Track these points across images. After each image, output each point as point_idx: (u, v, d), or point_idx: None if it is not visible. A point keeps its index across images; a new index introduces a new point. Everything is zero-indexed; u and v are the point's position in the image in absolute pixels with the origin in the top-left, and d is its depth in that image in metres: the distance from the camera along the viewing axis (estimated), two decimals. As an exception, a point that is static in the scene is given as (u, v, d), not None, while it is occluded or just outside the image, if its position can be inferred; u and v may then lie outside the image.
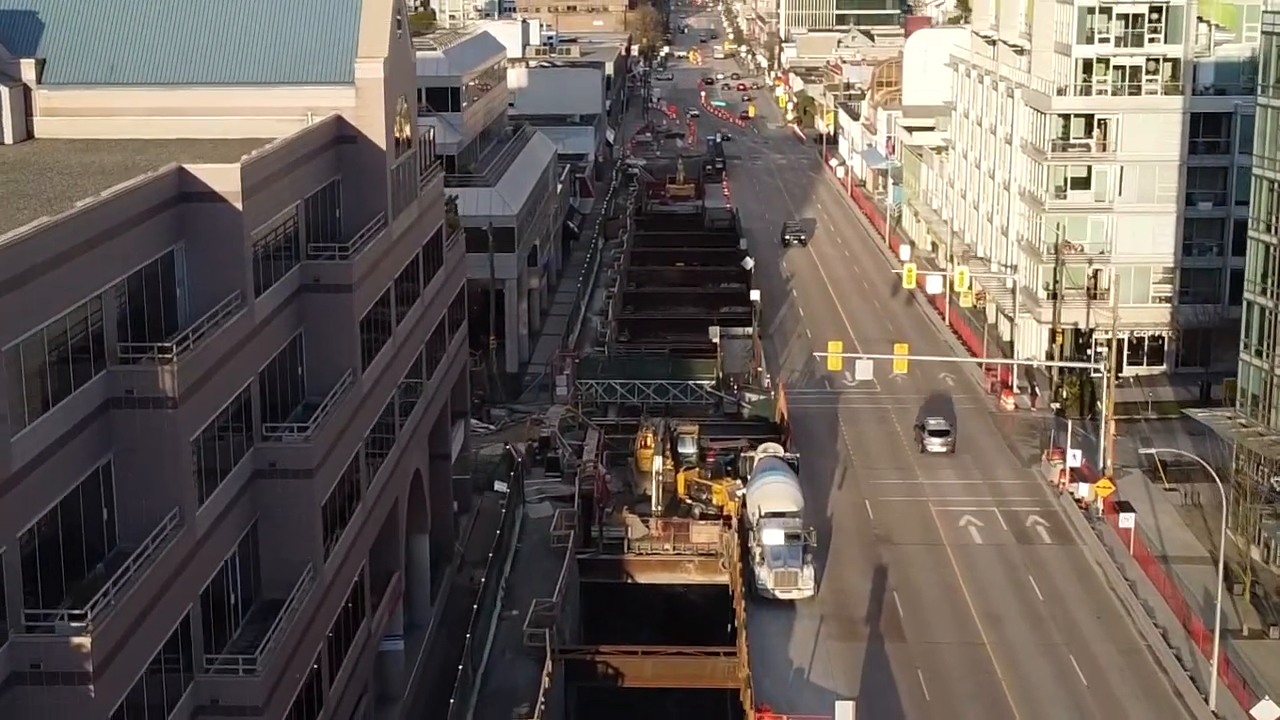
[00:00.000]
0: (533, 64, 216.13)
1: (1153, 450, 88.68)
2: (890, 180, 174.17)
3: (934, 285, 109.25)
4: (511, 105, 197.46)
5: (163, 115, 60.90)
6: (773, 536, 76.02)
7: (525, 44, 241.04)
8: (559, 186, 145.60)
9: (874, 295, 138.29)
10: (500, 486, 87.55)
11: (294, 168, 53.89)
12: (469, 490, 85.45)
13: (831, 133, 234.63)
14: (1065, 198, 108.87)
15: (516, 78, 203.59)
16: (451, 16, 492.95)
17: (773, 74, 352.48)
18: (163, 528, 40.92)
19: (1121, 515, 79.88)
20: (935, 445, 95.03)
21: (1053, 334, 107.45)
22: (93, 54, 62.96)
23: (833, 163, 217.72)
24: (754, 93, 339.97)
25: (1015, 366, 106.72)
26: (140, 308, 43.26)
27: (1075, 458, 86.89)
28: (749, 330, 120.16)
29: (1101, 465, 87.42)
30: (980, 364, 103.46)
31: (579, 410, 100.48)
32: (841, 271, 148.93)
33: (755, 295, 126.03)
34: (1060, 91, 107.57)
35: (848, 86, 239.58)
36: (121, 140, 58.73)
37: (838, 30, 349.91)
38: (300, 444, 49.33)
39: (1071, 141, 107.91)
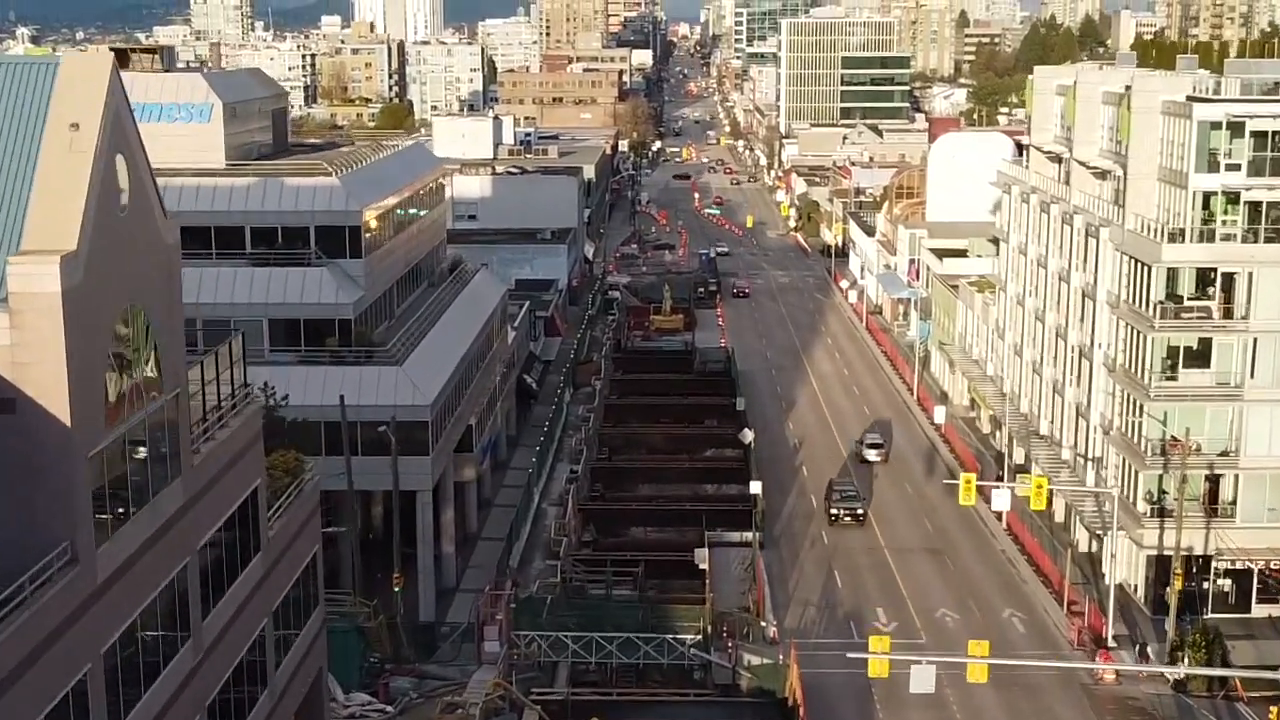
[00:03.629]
0: (500, 169, 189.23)
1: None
2: (915, 311, 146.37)
3: (1000, 501, 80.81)
4: (473, 218, 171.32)
5: None
6: None
7: (497, 143, 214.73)
8: (512, 333, 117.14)
9: (905, 476, 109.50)
10: (379, 842, 58.89)
11: None
12: None
13: (840, 245, 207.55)
14: (1175, 378, 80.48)
15: (479, 186, 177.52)
16: (434, 107, 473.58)
17: (772, 173, 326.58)
18: None
19: None
20: (872, 455, 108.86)
21: (1163, 568, 78.78)
22: None
23: (843, 283, 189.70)
24: (742, 178, 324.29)
25: (1110, 617, 77.91)
26: None
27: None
28: (748, 536, 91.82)
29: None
30: (1094, 669, 73.43)
31: (512, 682, 71.92)
32: (861, 435, 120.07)
33: (757, 488, 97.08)
34: (1173, 237, 79.12)
35: (858, 192, 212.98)
36: None
37: (842, 125, 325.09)
38: None
39: (1185, 304, 79.67)
